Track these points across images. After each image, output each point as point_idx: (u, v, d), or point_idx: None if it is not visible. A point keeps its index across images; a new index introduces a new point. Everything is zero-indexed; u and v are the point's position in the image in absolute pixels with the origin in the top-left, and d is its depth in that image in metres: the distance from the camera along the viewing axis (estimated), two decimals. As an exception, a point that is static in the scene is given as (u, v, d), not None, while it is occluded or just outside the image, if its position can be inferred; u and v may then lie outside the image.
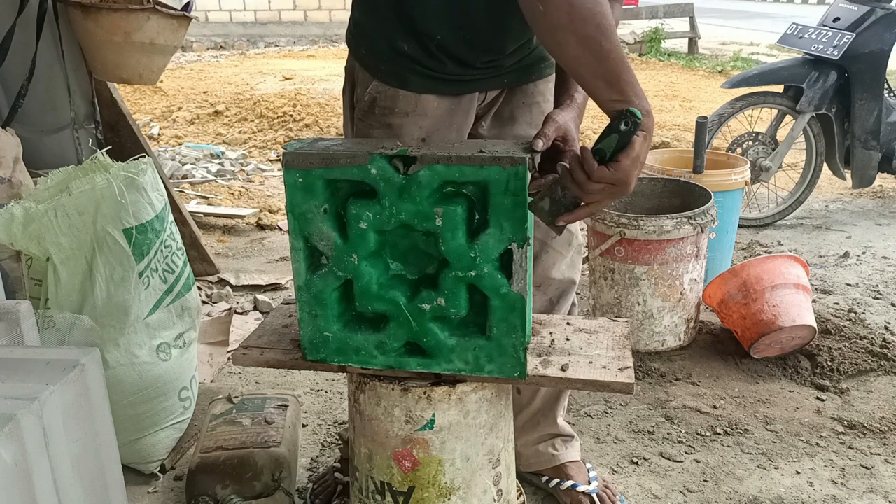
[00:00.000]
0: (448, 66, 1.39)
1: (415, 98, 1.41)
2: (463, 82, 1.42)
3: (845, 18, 3.71)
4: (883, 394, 2.27)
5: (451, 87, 1.41)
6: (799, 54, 3.84)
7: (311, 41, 11.07)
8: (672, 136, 5.16)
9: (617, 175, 1.07)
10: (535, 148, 1.13)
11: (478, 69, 1.41)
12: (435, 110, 1.42)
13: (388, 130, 1.43)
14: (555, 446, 1.77)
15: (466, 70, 1.40)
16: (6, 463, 1.05)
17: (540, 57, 1.49)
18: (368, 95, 1.44)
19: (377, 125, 1.44)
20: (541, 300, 1.62)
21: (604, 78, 1.07)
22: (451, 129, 1.44)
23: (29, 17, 2.35)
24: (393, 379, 1.26)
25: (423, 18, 1.34)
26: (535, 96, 1.51)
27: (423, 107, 1.41)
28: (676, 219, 2.39)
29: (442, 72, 1.39)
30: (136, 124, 2.93)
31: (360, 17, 1.44)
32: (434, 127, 1.42)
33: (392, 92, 1.41)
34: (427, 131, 1.42)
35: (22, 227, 1.66)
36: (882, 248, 3.54)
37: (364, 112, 1.46)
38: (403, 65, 1.39)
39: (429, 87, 1.40)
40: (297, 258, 1.22)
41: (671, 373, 2.40)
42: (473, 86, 1.44)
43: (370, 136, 1.45)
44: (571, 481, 1.75)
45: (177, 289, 1.88)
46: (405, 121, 1.42)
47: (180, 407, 1.92)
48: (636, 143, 1.06)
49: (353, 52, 1.48)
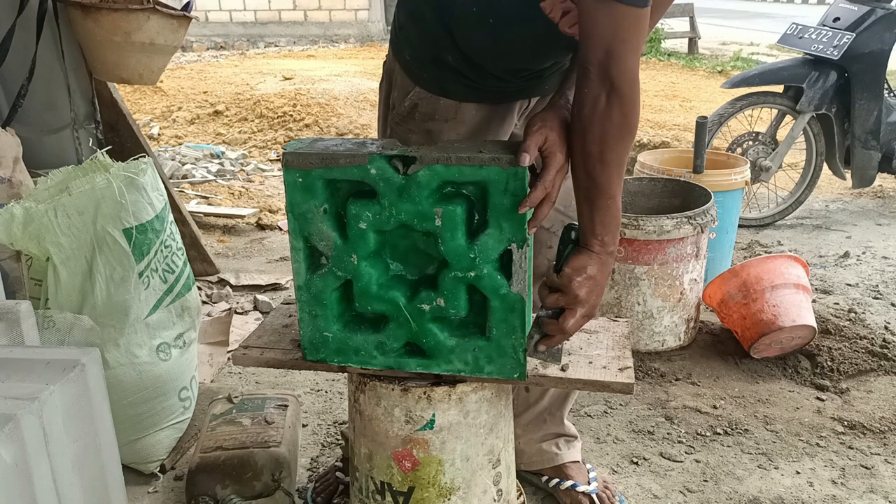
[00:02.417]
0: (490, 80, 1.39)
1: (455, 106, 1.41)
2: (505, 93, 1.43)
3: (845, 18, 3.71)
4: (883, 394, 2.27)
5: (492, 97, 1.42)
6: (799, 54, 3.84)
7: (311, 41, 11.07)
8: (672, 136, 5.16)
9: (562, 282, 1.17)
10: (521, 163, 1.10)
11: (517, 81, 1.42)
12: (473, 117, 1.43)
13: (427, 136, 1.43)
14: (558, 445, 1.77)
15: (507, 83, 1.41)
16: (6, 463, 1.05)
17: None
18: (409, 101, 1.44)
19: (416, 130, 1.45)
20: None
21: (604, 190, 1.15)
22: (488, 134, 1.45)
23: (29, 17, 2.35)
24: (393, 379, 1.26)
25: (464, 42, 1.35)
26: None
27: (463, 114, 1.42)
28: (676, 219, 2.39)
29: (484, 83, 1.40)
30: (136, 124, 2.93)
31: (405, 22, 1.44)
32: (471, 133, 1.43)
33: (433, 99, 1.42)
34: (464, 137, 1.43)
35: (22, 227, 1.66)
36: (882, 248, 3.54)
37: (403, 117, 1.46)
38: (446, 74, 1.39)
39: (470, 96, 1.41)
40: (297, 258, 1.22)
41: (671, 373, 2.40)
42: (514, 96, 1.45)
43: (409, 140, 1.45)
44: (571, 481, 1.75)
45: (177, 289, 1.88)
46: (444, 127, 1.43)
47: (180, 407, 1.92)
48: (582, 256, 1.17)
49: (395, 54, 1.48)
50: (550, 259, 1.58)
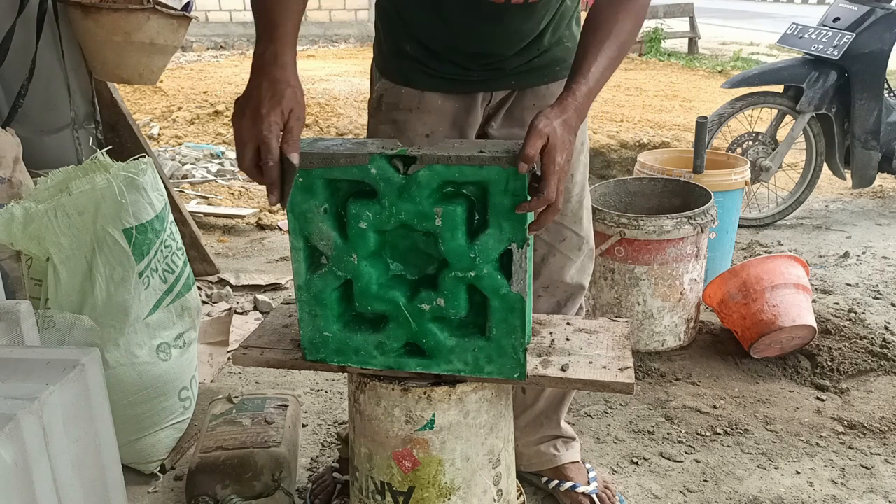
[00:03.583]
0: (447, 66, 1.42)
1: (418, 95, 1.45)
2: (466, 82, 1.44)
3: (845, 18, 3.71)
4: (883, 394, 2.27)
5: (454, 86, 1.44)
6: (799, 54, 3.84)
7: (311, 41, 11.07)
8: (672, 136, 5.16)
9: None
10: (520, 171, 1.07)
11: (478, 70, 1.43)
12: (439, 108, 1.45)
13: (393, 126, 1.46)
14: (556, 447, 1.77)
15: (466, 71, 1.43)
16: (6, 463, 1.05)
17: (553, 60, 1.47)
18: (376, 93, 1.50)
19: (384, 121, 1.48)
20: (548, 302, 1.62)
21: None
22: (455, 126, 1.47)
23: (29, 17, 2.35)
24: (393, 379, 1.26)
25: (418, 30, 1.41)
26: (546, 98, 1.47)
27: (427, 104, 1.45)
28: (676, 219, 2.39)
29: (442, 71, 1.43)
30: (136, 124, 2.93)
31: (376, 21, 1.51)
32: (438, 123, 1.45)
33: (397, 89, 1.46)
34: (431, 128, 1.45)
35: (22, 227, 1.66)
36: (882, 248, 3.54)
37: (373, 109, 1.51)
38: (407, 64, 1.44)
39: (431, 85, 1.44)
40: (297, 258, 1.22)
41: (671, 373, 2.40)
42: (476, 86, 1.46)
43: (378, 132, 1.50)
44: (571, 482, 1.75)
45: (177, 289, 1.88)
46: (409, 117, 1.45)
47: (180, 407, 1.92)
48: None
49: (373, 51, 1.55)
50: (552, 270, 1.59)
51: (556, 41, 1.46)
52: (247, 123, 1.03)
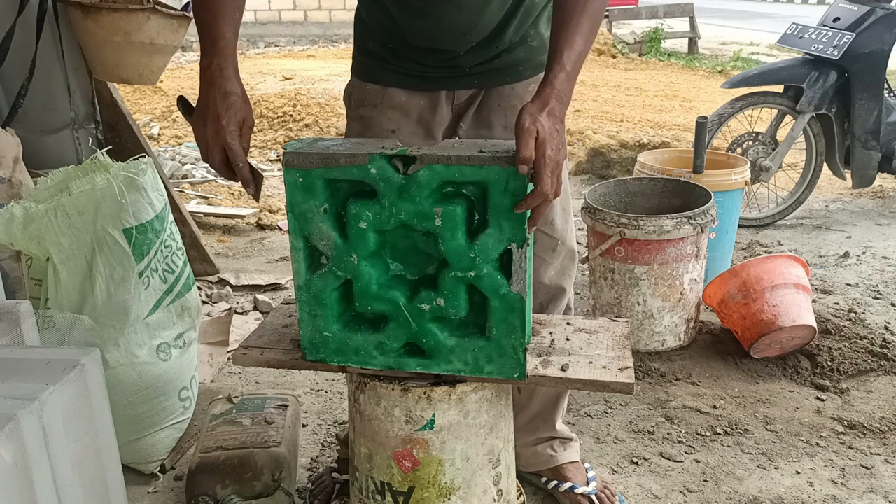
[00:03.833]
0: (406, 62, 1.46)
1: (382, 90, 1.49)
2: (425, 79, 1.48)
3: (845, 18, 3.71)
4: (883, 394, 2.27)
5: (415, 83, 1.48)
6: (799, 54, 3.84)
7: (311, 41, 11.07)
8: (672, 136, 5.15)
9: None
10: (521, 173, 1.07)
11: (436, 67, 1.46)
12: (403, 104, 1.49)
13: (361, 123, 1.52)
14: (553, 448, 1.77)
15: (424, 67, 1.46)
16: (6, 463, 1.05)
17: (515, 60, 1.47)
18: (346, 91, 1.56)
19: (353, 118, 1.54)
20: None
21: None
22: (421, 123, 1.50)
23: (29, 17, 2.35)
24: (393, 379, 1.26)
25: (376, 26, 1.46)
26: (511, 99, 1.48)
27: (391, 100, 1.49)
28: (676, 219, 2.39)
29: (402, 68, 1.47)
30: (136, 124, 2.93)
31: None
32: (403, 120, 1.49)
33: (363, 86, 1.52)
34: (396, 123, 1.49)
35: (22, 227, 1.66)
36: (882, 248, 3.54)
37: (347, 108, 1.57)
38: (370, 61, 1.51)
39: (394, 81, 1.48)
40: (297, 258, 1.22)
41: (671, 373, 2.40)
42: (437, 83, 1.49)
43: (351, 130, 1.56)
44: (569, 483, 1.75)
45: (177, 289, 1.88)
46: (374, 113, 1.50)
47: (180, 407, 1.92)
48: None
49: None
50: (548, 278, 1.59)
51: (519, 40, 1.46)
52: (210, 132, 1.17)
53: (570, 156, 4.97)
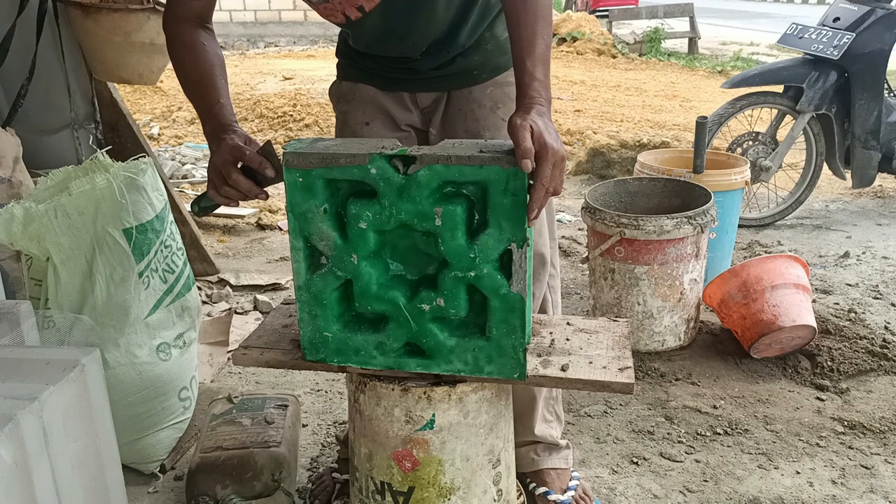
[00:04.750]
0: (368, 62, 1.54)
1: (353, 86, 1.58)
2: (386, 79, 1.54)
3: (845, 18, 3.71)
4: (883, 394, 2.27)
5: (378, 81, 1.55)
6: (799, 54, 3.84)
7: (311, 41, 11.07)
8: (672, 136, 5.16)
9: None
10: (524, 169, 1.07)
11: (395, 70, 1.52)
12: (372, 98, 1.56)
13: (341, 118, 1.61)
14: (536, 452, 1.75)
15: (382, 67, 1.53)
16: (6, 463, 1.05)
17: (470, 65, 1.50)
18: (329, 91, 1.66)
19: (336, 114, 1.65)
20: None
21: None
22: (392, 119, 1.56)
23: (29, 17, 2.35)
24: (393, 379, 1.26)
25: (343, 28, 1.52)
26: (469, 104, 1.52)
27: (361, 94, 1.57)
28: (676, 219, 2.39)
29: (364, 64, 1.55)
30: (136, 124, 2.93)
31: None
32: (375, 113, 1.56)
33: (338, 83, 1.62)
34: (369, 117, 1.56)
35: (22, 227, 1.66)
36: (882, 248, 3.54)
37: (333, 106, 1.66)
38: (344, 60, 1.61)
39: (361, 78, 1.57)
40: (297, 258, 1.22)
41: (671, 373, 2.40)
42: (398, 85, 1.54)
43: (336, 127, 1.65)
44: (545, 488, 1.74)
45: (177, 289, 1.88)
46: (349, 107, 1.58)
47: (180, 407, 1.92)
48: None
49: None
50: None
51: (473, 44, 1.48)
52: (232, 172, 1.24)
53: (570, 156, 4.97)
